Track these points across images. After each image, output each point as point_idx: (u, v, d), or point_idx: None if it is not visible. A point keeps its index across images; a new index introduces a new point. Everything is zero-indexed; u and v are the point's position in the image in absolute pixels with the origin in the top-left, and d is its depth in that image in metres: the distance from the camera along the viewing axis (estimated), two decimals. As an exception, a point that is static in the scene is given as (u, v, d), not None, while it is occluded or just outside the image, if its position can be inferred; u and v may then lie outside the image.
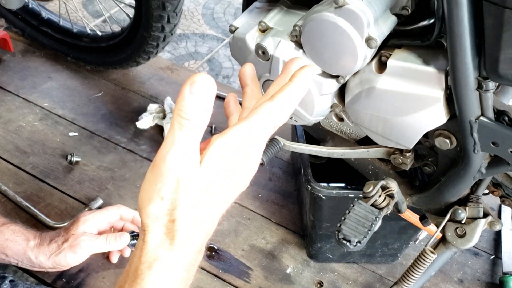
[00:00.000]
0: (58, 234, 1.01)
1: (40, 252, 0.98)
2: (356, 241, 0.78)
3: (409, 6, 0.72)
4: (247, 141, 0.51)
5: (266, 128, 0.51)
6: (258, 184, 1.35)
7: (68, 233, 1.00)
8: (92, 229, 1.04)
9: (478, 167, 0.80)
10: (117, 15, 1.93)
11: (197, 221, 0.51)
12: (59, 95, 1.53)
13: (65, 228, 1.02)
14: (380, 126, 0.81)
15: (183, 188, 0.49)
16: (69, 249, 0.98)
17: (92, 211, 1.07)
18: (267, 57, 0.81)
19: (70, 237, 0.99)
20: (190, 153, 0.49)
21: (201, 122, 0.49)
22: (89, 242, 1.00)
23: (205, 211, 0.51)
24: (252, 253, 1.21)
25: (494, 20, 0.61)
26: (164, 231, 0.50)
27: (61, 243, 0.99)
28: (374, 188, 0.82)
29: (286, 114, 0.52)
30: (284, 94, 0.51)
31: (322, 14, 0.72)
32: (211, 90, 0.48)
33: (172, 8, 1.33)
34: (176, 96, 1.68)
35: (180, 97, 0.49)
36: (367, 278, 1.19)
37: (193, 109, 0.48)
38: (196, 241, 0.52)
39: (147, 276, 0.50)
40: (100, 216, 1.05)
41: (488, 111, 0.72)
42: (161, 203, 0.49)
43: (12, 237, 0.98)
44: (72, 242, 0.98)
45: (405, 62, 0.74)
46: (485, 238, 1.29)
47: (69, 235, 1.00)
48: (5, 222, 1.01)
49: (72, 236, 0.99)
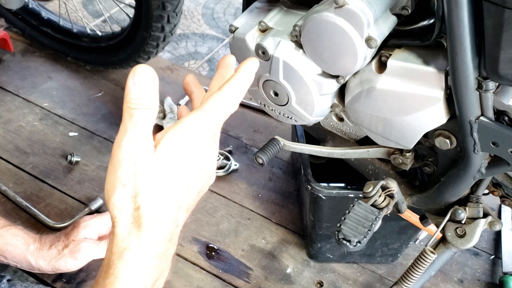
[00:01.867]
0: (58, 239, 1.01)
1: (40, 257, 0.98)
2: (356, 241, 0.78)
3: (409, 6, 0.72)
4: (200, 128, 0.54)
5: (218, 116, 0.56)
6: (258, 184, 1.35)
7: (69, 238, 1.00)
8: (93, 234, 1.03)
9: (478, 167, 0.80)
10: (117, 15, 1.93)
11: (161, 207, 0.53)
12: (59, 95, 1.54)
13: (65, 233, 1.01)
14: (380, 126, 0.81)
15: (140, 173, 0.52)
16: (69, 255, 0.98)
17: (92, 216, 1.06)
18: (267, 57, 0.81)
19: (70, 243, 0.99)
20: (142, 138, 0.52)
21: (148, 109, 0.53)
22: (90, 248, 0.99)
23: (167, 196, 0.53)
24: (252, 253, 1.21)
25: (494, 20, 0.61)
26: (131, 220, 0.52)
27: (61, 249, 0.98)
28: (374, 188, 0.82)
29: (236, 102, 0.56)
30: (231, 83, 0.56)
31: (322, 14, 0.72)
32: (152, 79, 0.53)
33: (172, 8, 1.33)
34: (176, 96, 1.68)
35: (126, 89, 0.53)
36: (367, 278, 1.19)
37: (138, 97, 0.52)
38: (163, 228, 0.53)
39: (119, 265, 0.51)
40: (100, 221, 1.05)
41: (488, 111, 0.72)
42: (123, 190, 0.51)
43: (12, 241, 0.97)
44: (73, 248, 0.98)
45: (405, 62, 0.74)
46: (485, 238, 1.29)
47: (69, 241, 0.99)
48: (5, 224, 1.00)
49: (73, 242, 0.99)
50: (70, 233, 1.01)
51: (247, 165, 1.39)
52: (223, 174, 1.35)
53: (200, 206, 1.20)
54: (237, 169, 1.37)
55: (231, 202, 1.31)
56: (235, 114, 1.67)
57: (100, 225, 1.04)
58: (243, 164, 1.39)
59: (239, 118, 1.52)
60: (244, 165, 1.39)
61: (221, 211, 1.28)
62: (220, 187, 1.33)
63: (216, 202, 1.30)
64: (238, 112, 1.62)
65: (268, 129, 1.50)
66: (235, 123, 1.50)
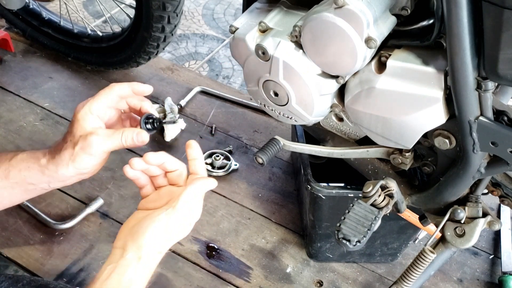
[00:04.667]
0: (65, 141, 0.88)
1: (58, 165, 0.88)
2: (355, 240, 0.79)
3: (409, 7, 0.72)
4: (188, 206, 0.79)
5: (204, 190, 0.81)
6: (258, 184, 1.35)
7: (75, 136, 0.87)
8: (96, 122, 0.89)
9: (477, 167, 0.80)
10: (117, 16, 1.93)
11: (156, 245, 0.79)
12: (59, 95, 1.54)
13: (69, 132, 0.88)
14: (380, 126, 0.81)
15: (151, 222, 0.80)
16: (82, 152, 0.86)
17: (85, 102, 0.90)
18: (267, 57, 0.81)
19: (79, 140, 0.86)
20: None
21: None
22: (101, 140, 0.87)
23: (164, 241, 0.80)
24: (252, 253, 1.21)
25: (493, 21, 0.61)
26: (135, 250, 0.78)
27: (72, 149, 0.86)
28: (373, 188, 0.82)
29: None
30: None
31: (322, 14, 0.72)
32: None
33: (172, 9, 1.34)
34: (176, 97, 1.68)
35: None
36: (366, 277, 1.19)
37: None
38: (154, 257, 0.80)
39: None
40: (97, 106, 0.90)
41: (487, 111, 0.72)
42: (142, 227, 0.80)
43: (23, 165, 0.88)
44: (83, 145, 0.86)
45: (405, 62, 0.74)
46: (485, 237, 1.29)
47: (76, 138, 0.87)
48: (11, 156, 0.90)
49: (81, 138, 0.86)
50: (72, 131, 0.88)
51: (247, 165, 1.39)
52: (223, 174, 1.35)
53: (201, 206, 1.20)
54: (237, 169, 1.37)
55: (231, 202, 1.31)
56: (235, 115, 1.67)
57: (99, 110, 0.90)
58: (243, 164, 1.39)
59: (239, 118, 1.52)
60: (244, 165, 1.39)
61: (221, 210, 1.29)
62: (221, 187, 1.33)
63: (217, 202, 1.30)
64: (238, 112, 1.63)
65: (268, 129, 1.50)
66: (235, 123, 1.50)
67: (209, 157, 1.38)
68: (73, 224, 1.21)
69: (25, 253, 1.15)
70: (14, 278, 0.80)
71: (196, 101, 1.56)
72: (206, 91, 1.59)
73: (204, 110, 1.53)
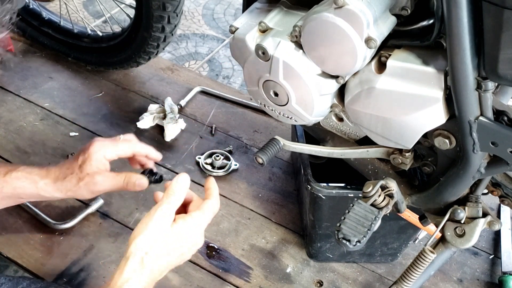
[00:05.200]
0: (71, 171, 0.97)
1: (55, 189, 0.96)
2: (355, 240, 0.79)
3: (409, 7, 0.72)
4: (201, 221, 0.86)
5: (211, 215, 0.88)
6: (258, 184, 1.35)
7: (83, 171, 0.96)
8: (106, 164, 0.99)
9: (477, 167, 0.80)
10: (117, 16, 1.93)
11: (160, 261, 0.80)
12: (60, 95, 1.54)
13: (78, 166, 0.97)
14: (380, 126, 0.81)
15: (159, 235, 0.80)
16: (85, 188, 0.96)
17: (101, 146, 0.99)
18: (267, 58, 0.81)
19: (85, 176, 0.96)
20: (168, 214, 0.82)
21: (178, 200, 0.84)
22: (107, 182, 0.97)
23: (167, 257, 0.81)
24: (252, 253, 1.21)
25: (493, 20, 0.61)
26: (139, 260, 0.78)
27: (76, 182, 0.96)
28: (373, 188, 0.82)
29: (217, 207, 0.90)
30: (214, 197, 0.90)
31: (322, 14, 0.72)
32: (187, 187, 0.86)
33: (172, 9, 1.34)
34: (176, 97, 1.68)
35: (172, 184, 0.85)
36: (366, 277, 1.19)
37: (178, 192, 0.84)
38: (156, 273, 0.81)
39: None
40: (113, 154, 0.99)
41: (487, 111, 0.72)
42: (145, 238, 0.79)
43: (18, 184, 0.95)
44: (89, 182, 0.96)
45: (405, 62, 0.74)
46: (485, 237, 1.29)
47: (83, 174, 0.96)
48: (7, 170, 0.96)
49: (88, 176, 0.96)
50: (83, 166, 0.97)
51: (247, 165, 1.39)
52: (223, 174, 1.36)
53: (201, 206, 1.20)
54: (237, 169, 1.37)
55: (231, 202, 1.31)
56: (235, 115, 1.67)
57: (110, 155, 0.99)
58: (243, 164, 1.39)
59: (239, 118, 1.52)
60: (244, 165, 1.39)
61: (221, 210, 1.29)
62: (221, 187, 1.32)
63: (217, 202, 1.30)
64: (238, 112, 1.63)
65: (268, 129, 1.50)
66: (235, 123, 1.50)
67: (209, 157, 1.38)
68: (73, 224, 1.21)
69: (25, 253, 1.15)
70: (14, 280, 0.80)
71: (196, 101, 1.56)
72: (206, 91, 1.59)
73: (204, 110, 1.53)
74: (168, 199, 0.82)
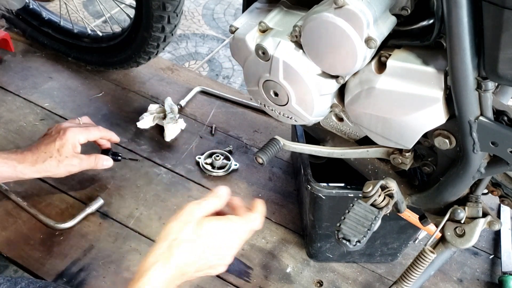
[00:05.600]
0: (49, 155, 1.11)
1: (34, 171, 1.10)
2: (355, 240, 0.79)
3: (409, 7, 0.72)
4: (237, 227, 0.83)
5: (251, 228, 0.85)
6: (258, 184, 1.35)
7: (61, 155, 1.12)
8: (79, 148, 1.16)
9: (478, 167, 0.80)
10: (117, 16, 1.93)
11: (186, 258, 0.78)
12: (60, 95, 1.54)
13: (56, 149, 1.12)
14: (380, 126, 0.81)
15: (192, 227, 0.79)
16: (64, 169, 1.13)
17: (78, 131, 1.16)
18: (267, 58, 0.81)
19: (64, 159, 1.13)
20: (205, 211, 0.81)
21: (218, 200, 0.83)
22: (82, 164, 1.16)
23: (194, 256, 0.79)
24: (252, 253, 1.21)
25: (493, 20, 0.61)
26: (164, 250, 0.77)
27: (56, 164, 1.12)
28: (373, 188, 0.82)
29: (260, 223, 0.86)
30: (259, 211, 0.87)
31: (322, 14, 0.72)
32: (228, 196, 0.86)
33: (172, 9, 1.34)
34: (176, 97, 1.67)
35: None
36: (366, 277, 1.19)
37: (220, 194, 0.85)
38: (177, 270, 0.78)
39: None
40: (84, 138, 1.17)
41: (487, 111, 0.72)
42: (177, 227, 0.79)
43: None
44: (67, 164, 1.13)
45: (405, 62, 0.74)
46: (485, 237, 1.29)
47: (62, 157, 1.12)
48: None
49: (66, 159, 1.13)
50: (61, 150, 1.12)
51: (247, 165, 1.39)
52: (223, 174, 1.36)
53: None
54: (237, 169, 1.37)
55: (231, 202, 1.31)
56: (235, 115, 1.67)
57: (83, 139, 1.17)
58: (243, 164, 1.39)
59: (239, 118, 1.52)
60: (244, 165, 1.39)
61: (221, 211, 1.29)
62: (221, 187, 1.33)
63: (217, 202, 1.30)
64: (238, 112, 1.63)
65: (268, 129, 1.50)
66: (235, 123, 1.50)
67: (209, 157, 1.38)
68: (73, 224, 1.21)
69: (25, 253, 1.15)
70: (13, 281, 0.80)
71: (196, 101, 1.56)
72: (206, 91, 1.59)
73: (204, 110, 1.53)
74: (207, 197, 0.83)
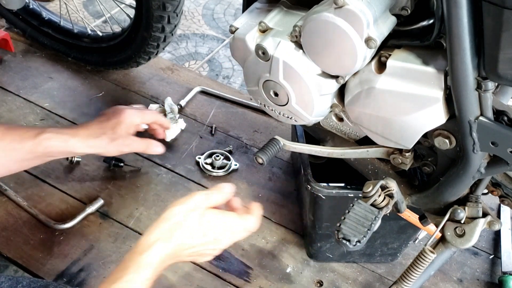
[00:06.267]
0: (103, 131, 1.12)
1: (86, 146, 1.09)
2: (355, 240, 0.79)
3: (409, 7, 0.72)
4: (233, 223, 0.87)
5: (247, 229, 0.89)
6: (258, 184, 1.35)
7: (115, 133, 1.13)
8: (132, 129, 1.17)
9: (477, 167, 0.80)
10: (117, 16, 1.93)
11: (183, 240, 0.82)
12: (60, 96, 1.54)
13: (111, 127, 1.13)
14: (380, 126, 0.81)
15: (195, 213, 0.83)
16: (115, 147, 1.13)
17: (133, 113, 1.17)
18: (267, 58, 0.81)
19: (118, 138, 1.13)
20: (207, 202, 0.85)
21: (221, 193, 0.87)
22: (133, 145, 1.16)
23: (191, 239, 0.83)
24: (252, 253, 1.21)
25: (493, 20, 0.61)
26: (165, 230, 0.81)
27: (108, 141, 1.11)
28: (373, 188, 0.82)
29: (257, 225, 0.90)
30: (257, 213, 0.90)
31: (321, 14, 0.72)
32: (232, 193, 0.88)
33: (172, 9, 1.34)
34: (176, 97, 1.68)
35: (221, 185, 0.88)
36: (366, 277, 1.19)
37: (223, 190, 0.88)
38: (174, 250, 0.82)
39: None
40: (139, 120, 1.18)
41: (487, 111, 0.72)
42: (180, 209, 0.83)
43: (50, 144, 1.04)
44: (120, 142, 1.13)
45: (405, 62, 0.74)
46: (485, 237, 1.29)
47: (116, 135, 1.13)
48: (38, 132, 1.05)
49: (120, 138, 1.13)
50: (115, 128, 1.13)
51: (247, 165, 1.39)
52: (223, 174, 1.36)
53: (201, 206, 1.20)
54: (237, 169, 1.37)
55: (231, 202, 1.31)
56: (235, 115, 1.67)
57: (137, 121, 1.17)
58: (243, 164, 1.39)
59: (239, 118, 1.52)
60: (244, 165, 1.39)
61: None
62: (220, 187, 1.33)
63: (217, 202, 1.30)
64: (239, 112, 1.63)
65: (268, 129, 1.50)
66: (235, 123, 1.50)
67: (209, 157, 1.38)
68: (73, 224, 1.21)
69: (25, 253, 1.15)
70: (14, 279, 0.80)
71: (196, 101, 1.56)
72: (206, 91, 1.59)
73: (204, 110, 1.53)
74: (211, 190, 0.87)
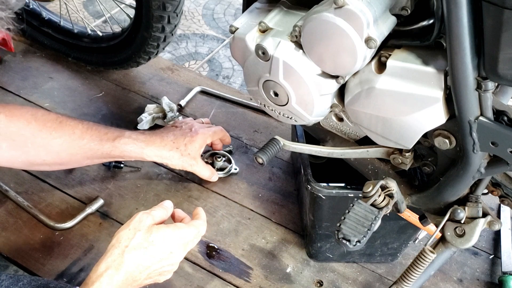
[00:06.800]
0: (176, 145, 1.19)
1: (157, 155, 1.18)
2: (355, 240, 0.79)
3: (409, 7, 0.72)
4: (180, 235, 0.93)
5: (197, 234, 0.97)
6: (258, 184, 1.35)
7: (187, 150, 1.20)
8: (202, 147, 1.24)
9: (477, 167, 0.80)
10: (117, 16, 1.93)
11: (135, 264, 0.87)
12: (60, 96, 1.54)
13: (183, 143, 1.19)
14: (380, 126, 0.81)
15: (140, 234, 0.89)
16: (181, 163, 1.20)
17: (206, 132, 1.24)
18: (267, 58, 0.81)
19: (187, 155, 1.20)
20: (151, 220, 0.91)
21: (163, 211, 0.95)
22: (198, 167, 1.24)
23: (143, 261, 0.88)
24: (252, 253, 1.21)
25: (493, 20, 0.61)
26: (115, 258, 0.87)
27: (179, 156, 1.19)
28: (373, 188, 0.82)
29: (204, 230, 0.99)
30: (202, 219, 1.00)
31: (321, 14, 0.72)
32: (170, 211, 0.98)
33: (172, 9, 1.34)
34: (176, 96, 1.68)
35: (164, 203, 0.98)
36: (366, 277, 1.19)
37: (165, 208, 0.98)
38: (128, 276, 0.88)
39: None
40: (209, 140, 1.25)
41: (487, 111, 0.72)
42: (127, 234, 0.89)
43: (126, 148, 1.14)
44: (187, 161, 1.21)
45: (405, 62, 0.74)
46: (485, 237, 1.29)
47: (186, 152, 1.20)
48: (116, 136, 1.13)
49: (188, 155, 1.20)
50: (188, 145, 1.20)
51: (247, 165, 1.39)
52: (223, 175, 1.35)
53: (201, 206, 1.20)
54: (237, 173, 1.37)
55: (231, 202, 1.31)
56: (235, 114, 1.67)
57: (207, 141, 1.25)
58: (243, 164, 1.39)
59: (239, 118, 1.52)
60: (244, 165, 1.39)
61: (221, 210, 1.29)
62: (221, 187, 1.33)
63: (217, 202, 1.30)
64: (238, 112, 1.63)
65: (268, 129, 1.50)
66: (235, 123, 1.50)
67: (210, 157, 1.38)
68: (73, 224, 1.21)
69: (25, 253, 1.15)
70: (15, 278, 0.81)
71: (196, 101, 1.56)
72: (206, 91, 1.59)
73: (204, 110, 1.53)
74: (154, 208, 0.94)
